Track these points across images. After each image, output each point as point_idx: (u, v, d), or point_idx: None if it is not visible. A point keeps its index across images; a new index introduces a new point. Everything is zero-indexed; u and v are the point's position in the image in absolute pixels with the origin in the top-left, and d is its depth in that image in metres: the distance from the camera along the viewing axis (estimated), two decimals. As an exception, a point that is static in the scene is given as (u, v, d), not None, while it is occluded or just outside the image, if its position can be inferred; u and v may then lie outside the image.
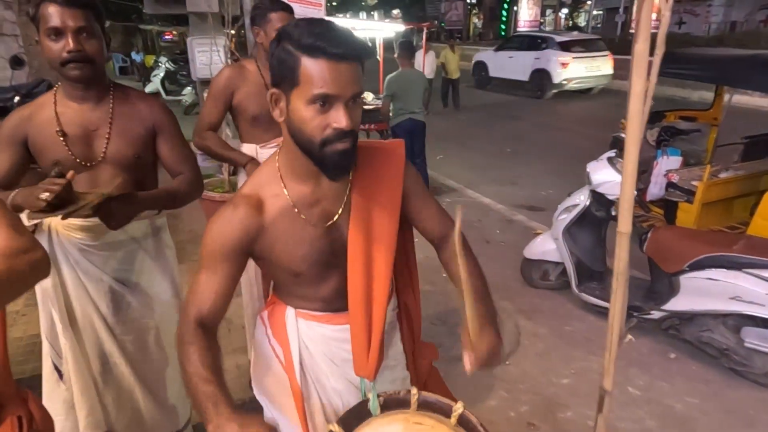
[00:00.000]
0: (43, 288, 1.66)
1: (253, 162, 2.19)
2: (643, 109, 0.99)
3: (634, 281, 3.17)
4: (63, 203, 1.32)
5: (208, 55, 4.99)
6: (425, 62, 8.62)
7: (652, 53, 0.97)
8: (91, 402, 1.73)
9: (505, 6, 27.87)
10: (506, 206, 5.22)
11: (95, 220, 1.49)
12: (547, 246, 3.46)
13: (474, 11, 31.30)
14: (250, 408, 2.32)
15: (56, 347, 1.71)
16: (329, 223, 1.10)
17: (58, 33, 1.41)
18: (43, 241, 1.61)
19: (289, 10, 2.17)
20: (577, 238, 3.26)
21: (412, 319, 1.30)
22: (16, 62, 4.41)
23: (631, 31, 18.17)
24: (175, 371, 1.91)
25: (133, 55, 17.81)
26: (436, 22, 23.92)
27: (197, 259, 1.10)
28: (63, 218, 1.37)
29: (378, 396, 1.06)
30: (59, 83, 1.60)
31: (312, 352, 1.18)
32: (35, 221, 1.61)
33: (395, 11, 37.47)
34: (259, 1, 2.21)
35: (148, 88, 12.46)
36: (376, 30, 7.01)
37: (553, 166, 6.51)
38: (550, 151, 7.40)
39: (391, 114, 5.10)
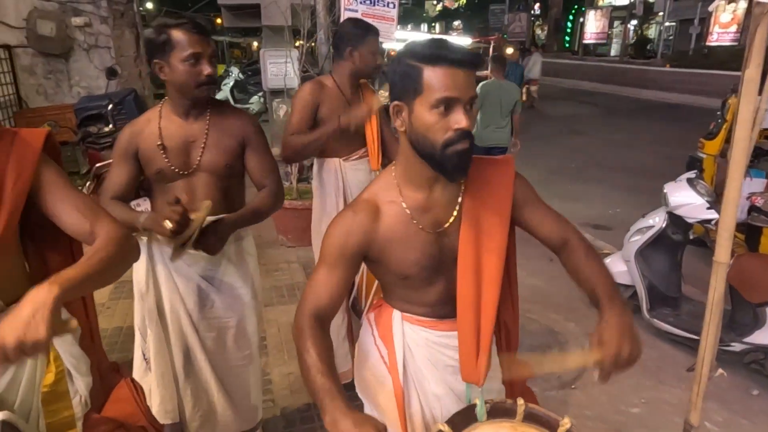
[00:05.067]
0: (139, 282, 1.81)
1: (331, 158, 2.32)
2: (751, 135, 0.96)
3: (712, 310, 3.00)
4: (181, 227, 1.52)
5: (280, 67, 5.20)
6: (533, 62, 8.59)
7: (764, 79, 0.94)
8: (165, 391, 1.85)
9: (571, 17, 27.26)
10: (571, 224, 5.06)
11: None
12: (616, 267, 3.34)
13: (537, 23, 30.76)
14: (315, 414, 2.40)
15: (146, 338, 1.85)
16: (440, 229, 1.16)
17: (196, 58, 1.57)
18: (142, 242, 1.76)
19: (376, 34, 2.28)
20: (650, 261, 3.13)
21: (509, 332, 1.31)
22: (111, 73, 4.78)
23: (707, 44, 17.30)
24: (252, 373, 2.01)
25: (205, 64, 18.71)
26: (495, 33, 23.67)
27: (265, 263, 1.17)
28: (175, 257, 1.63)
29: (485, 402, 1.08)
30: (165, 99, 1.75)
31: (415, 355, 1.22)
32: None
33: (456, 23, 37.47)
34: (354, 24, 2.31)
35: (218, 96, 13.08)
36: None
37: (621, 184, 6.27)
38: (617, 168, 7.14)
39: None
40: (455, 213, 1.17)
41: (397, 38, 4.60)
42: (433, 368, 1.22)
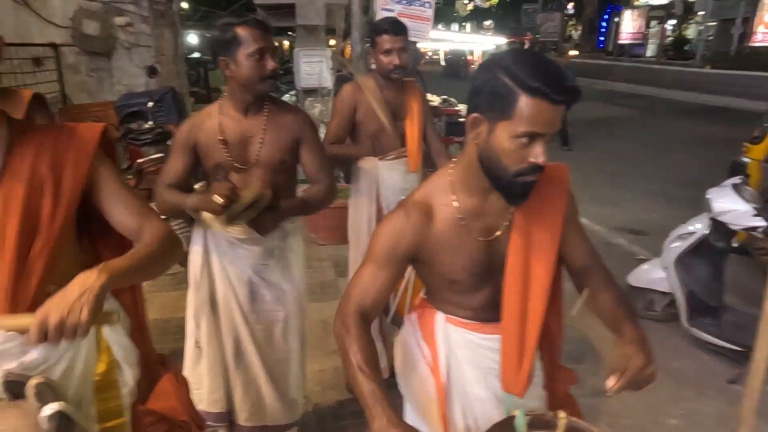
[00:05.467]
0: (195, 272, 1.87)
1: (368, 157, 2.32)
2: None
3: (752, 319, 2.89)
4: (230, 203, 1.57)
5: (313, 66, 5.25)
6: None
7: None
8: (215, 381, 1.90)
9: (605, 17, 26.67)
10: (605, 228, 4.96)
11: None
12: (654, 274, 3.25)
13: (571, 22, 30.21)
14: (346, 412, 2.41)
15: (200, 326, 1.90)
16: (491, 237, 1.15)
17: (261, 53, 1.61)
18: (199, 234, 1.84)
19: (395, 32, 2.22)
20: (691, 269, 3.03)
21: (553, 341, 1.30)
22: (152, 71, 4.90)
23: (751, 44, 16.64)
24: (298, 367, 2.04)
25: (238, 63, 19.03)
26: (529, 33, 23.39)
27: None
28: (229, 224, 1.62)
29: (525, 414, 1.06)
30: (224, 95, 1.79)
31: (458, 357, 1.22)
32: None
33: (487, 22, 37.09)
34: (374, 24, 2.31)
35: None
36: (474, 43, 6.99)
37: (658, 189, 6.11)
38: (654, 171, 6.95)
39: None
40: (507, 221, 1.15)
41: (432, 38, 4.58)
42: (476, 371, 1.22)
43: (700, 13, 21.32)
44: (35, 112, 2.09)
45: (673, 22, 25.10)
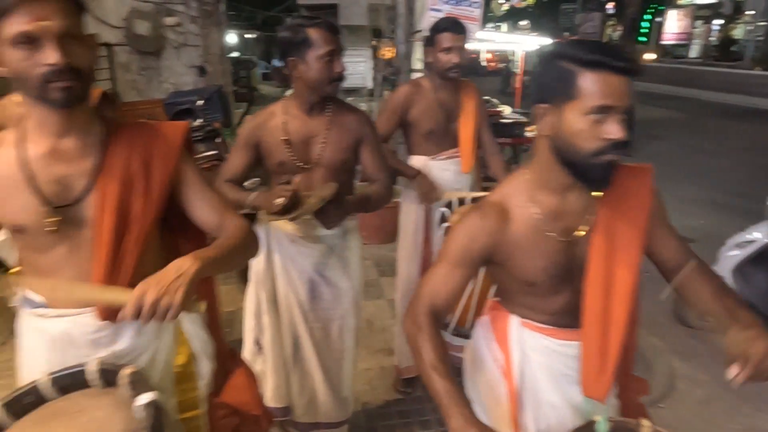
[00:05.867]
0: (256, 271, 1.90)
1: (421, 176, 2.28)
2: None
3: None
4: (292, 206, 1.58)
5: (355, 66, 5.29)
6: None
7: None
8: (279, 378, 1.94)
9: (648, 17, 25.89)
10: (651, 234, 4.82)
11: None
12: (708, 283, 3.13)
13: (610, 22, 29.48)
14: (394, 411, 2.42)
15: (260, 324, 1.94)
16: (571, 237, 1.13)
17: (331, 55, 1.64)
18: (261, 232, 1.85)
19: (455, 30, 2.22)
20: (750, 279, 2.91)
21: (628, 348, 1.26)
22: (202, 71, 5.03)
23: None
24: (350, 365, 2.05)
25: (275, 62, 19.32)
26: (566, 33, 22.95)
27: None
28: (291, 220, 1.60)
29: (607, 420, 1.05)
30: (287, 95, 1.82)
31: (532, 362, 1.20)
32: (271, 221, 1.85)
33: (523, 22, 36.53)
34: (436, 23, 2.30)
35: (289, 93, 13.45)
36: (517, 43, 6.90)
37: (704, 195, 5.90)
38: (700, 176, 6.72)
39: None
40: (588, 222, 1.13)
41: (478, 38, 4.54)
42: (550, 376, 1.20)
43: (749, 12, 20.47)
44: (104, 109, 2.17)
45: (720, 21, 24.17)
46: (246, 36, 19.71)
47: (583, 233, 1.13)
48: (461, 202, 2.22)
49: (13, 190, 1.00)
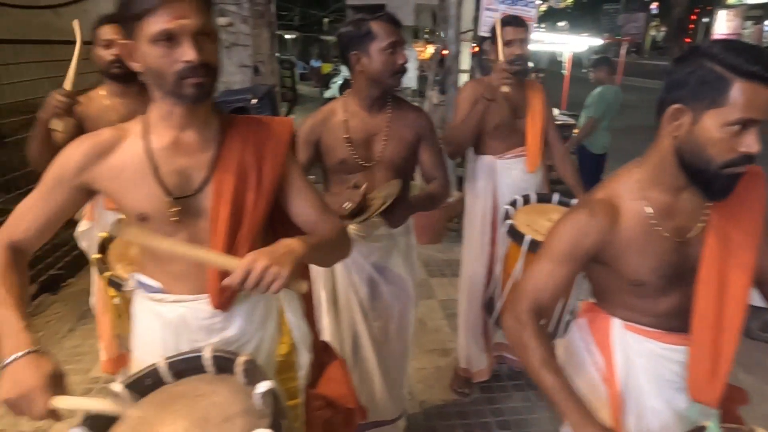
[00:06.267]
0: (317, 272, 1.90)
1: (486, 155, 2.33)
2: None
3: None
4: (360, 210, 1.61)
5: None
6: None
7: None
8: None
9: (694, 18, 25.01)
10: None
11: None
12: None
13: (653, 23, 28.66)
14: (453, 411, 2.41)
15: (320, 323, 1.95)
16: (683, 237, 1.11)
17: (394, 47, 1.65)
18: None
19: (516, 24, 2.23)
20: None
21: None
22: (256, 71, 5.13)
23: None
24: (406, 362, 2.07)
25: (312, 62, 19.54)
26: (607, 34, 22.42)
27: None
28: (359, 224, 1.64)
29: (719, 426, 1.02)
30: (347, 92, 1.83)
31: (636, 366, 1.18)
32: None
33: (562, 23, 35.88)
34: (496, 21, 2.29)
35: (327, 94, 13.58)
36: (564, 44, 6.78)
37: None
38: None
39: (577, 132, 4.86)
40: (701, 222, 1.11)
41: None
42: (653, 381, 1.17)
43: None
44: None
45: (772, 22, 23.12)
46: (286, 36, 20.00)
47: (693, 234, 1.11)
48: (525, 200, 2.20)
49: (140, 179, 1.04)
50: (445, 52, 4.72)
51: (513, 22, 2.24)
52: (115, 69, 2.07)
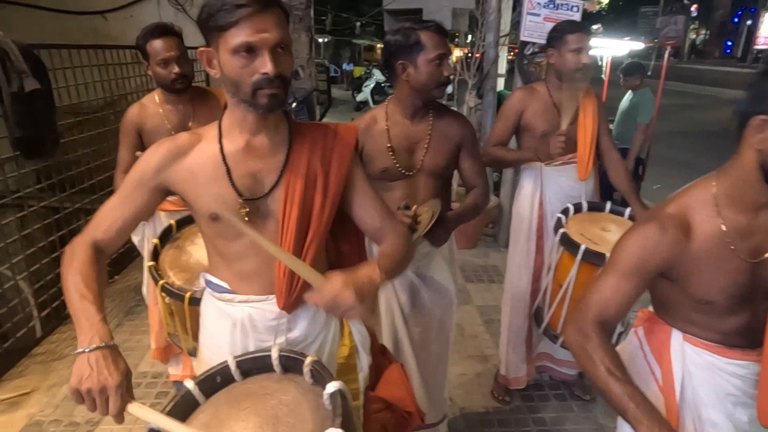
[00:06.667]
0: None
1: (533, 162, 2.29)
2: None
3: None
4: (411, 230, 1.58)
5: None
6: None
7: None
8: None
9: (736, 20, 24.24)
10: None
11: None
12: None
13: (693, 26, 27.88)
14: (494, 419, 2.40)
15: None
16: (759, 258, 1.08)
17: (441, 59, 1.64)
18: None
19: (585, 30, 2.18)
20: None
21: None
22: (296, 74, 5.21)
23: None
24: (445, 367, 2.06)
25: (344, 65, 19.73)
26: (643, 37, 21.91)
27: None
28: None
29: None
30: (389, 99, 1.84)
31: (695, 379, 1.16)
32: None
33: (595, 26, 35.24)
34: (558, 24, 2.26)
35: (359, 97, 13.69)
36: (605, 48, 6.65)
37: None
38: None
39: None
40: None
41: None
42: (713, 395, 1.15)
43: None
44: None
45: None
46: (318, 40, 20.25)
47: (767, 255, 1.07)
48: (577, 208, 2.17)
49: (213, 181, 1.07)
50: (477, 55, 4.69)
51: (582, 28, 2.17)
52: (178, 85, 2.12)
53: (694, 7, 26.53)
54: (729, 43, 25.29)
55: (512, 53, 6.09)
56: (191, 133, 1.12)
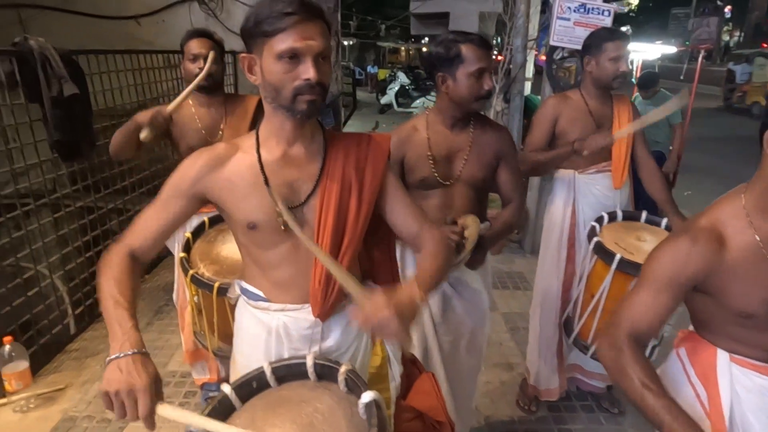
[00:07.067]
0: None
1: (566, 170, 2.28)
2: None
3: None
4: (458, 249, 1.59)
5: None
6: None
7: None
8: None
9: None
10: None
11: None
12: None
13: (726, 28, 27.13)
14: (520, 429, 2.37)
15: None
16: None
17: (481, 72, 1.63)
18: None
19: (623, 38, 2.15)
20: None
21: None
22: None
23: None
24: (475, 378, 2.04)
25: (369, 68, 19.80)
26: (673, 40, 21.38)
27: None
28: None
29: None
30: (430, 109, 1.83)
31: (743, 402, 1.12)
32: None
33: (624, 28, 34.60)
34: (595, 31, 2.23)
35: (383, 100, 13.72)
36: (638, 52, 6.53)
37: None
38: None
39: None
40: None
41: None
42: (765, 418, 1.11)
43: None
44: (260, 115, 2.31)
45: None
46: (344, 42, 20.38)
47: None
48: (611, 217, 2.13)
49: (253, 190, 1.09)
50: (499, 57, 4.65)
51: (621, 36, 2.15)
52: (203, 82, 2.17)
53: (728, 8, 25.83)
54: (765, 46, 24.51)
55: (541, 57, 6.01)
56: (229, 143, 1.15)
